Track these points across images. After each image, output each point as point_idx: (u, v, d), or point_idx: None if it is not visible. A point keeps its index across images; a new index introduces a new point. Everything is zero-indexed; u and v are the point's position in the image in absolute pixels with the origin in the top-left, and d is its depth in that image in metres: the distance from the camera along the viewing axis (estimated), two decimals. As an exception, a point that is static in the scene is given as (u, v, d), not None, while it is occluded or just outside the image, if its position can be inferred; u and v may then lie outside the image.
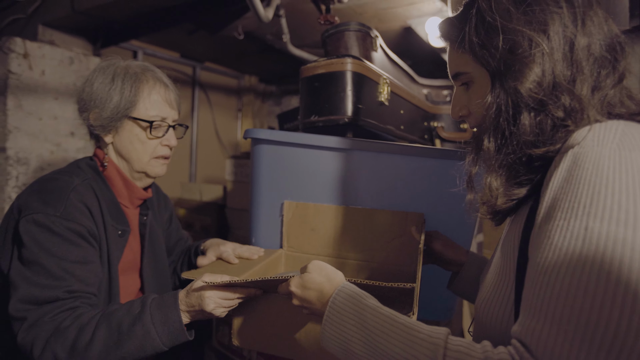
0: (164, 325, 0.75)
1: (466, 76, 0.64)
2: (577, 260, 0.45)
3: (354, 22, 1.32)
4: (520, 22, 0.55)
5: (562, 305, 0.45)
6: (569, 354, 0.43)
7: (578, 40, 0.55)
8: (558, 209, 0.49)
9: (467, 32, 0.60)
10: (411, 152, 1.05)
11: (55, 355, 0.75)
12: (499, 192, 0.59)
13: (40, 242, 0.81)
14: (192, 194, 2.64)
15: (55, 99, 1.91)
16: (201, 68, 3.19)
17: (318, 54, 2.37)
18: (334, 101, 1.16)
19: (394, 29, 2.17)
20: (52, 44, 1.90)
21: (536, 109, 0.55)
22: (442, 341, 0.51)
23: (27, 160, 1.85)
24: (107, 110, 0.92)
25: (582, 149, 0.49)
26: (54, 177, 0.91)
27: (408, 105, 1.50)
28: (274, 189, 1.13)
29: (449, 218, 1.09)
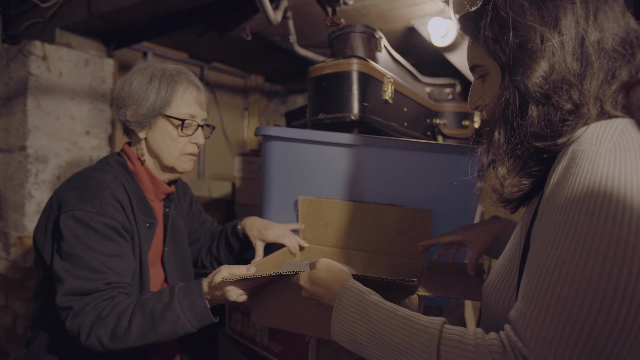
0: (192, 311, 0.83)
1: (482, 69, 0.65)
2: (567, 253, 0.48)
3: (359, 24, 1.38)
4: (533, 18, 0.56)
5: (551, 293, 0.48)
6: (553, 337, 0.47)
7: (589, 35, 0.55)
8: (555, 203, 0.51)
9: (482, 27, 0.61)
10: (415, 147, 1.11)
11: (99, 340, 0.84)
12: (507, 181, 0.61)
13: (80, 237, 0.88)
14: (202, 190, 2.71)
15: (71, 100, 1.98)
16: (209, 68, 3.26)
17: (323, 54, 2.43)
18: (341, 99, 1.23)
19: (397, 29, 2.23)
20: (69, 47, 1.98)
21: (543, 102, 0.56)
22: (437, 330, 0.55)
23: (45, 158, 1.93)
24: (144, 108, 0.99)
25: (580, 147, 0.51)
26: (88, 175, 0.97)
27: (411, 103, 1.56)
28: (284, 183, 1.20)
29: (450, 210, 1.15)
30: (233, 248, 1.21)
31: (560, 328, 0.46)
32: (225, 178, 3.28)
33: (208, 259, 1.28)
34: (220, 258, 1.25)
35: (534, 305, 0.49)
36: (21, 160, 1.90)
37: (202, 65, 3.20)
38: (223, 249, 1.23)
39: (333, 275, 0.70)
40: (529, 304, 0.50)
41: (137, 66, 1.04)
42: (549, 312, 0.48)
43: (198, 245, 1.28)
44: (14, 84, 1.92)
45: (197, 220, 1.29)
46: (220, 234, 1.25)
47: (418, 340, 0.55)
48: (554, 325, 0.47)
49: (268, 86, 3.78)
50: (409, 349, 0.56)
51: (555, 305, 0.47)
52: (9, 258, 2.00)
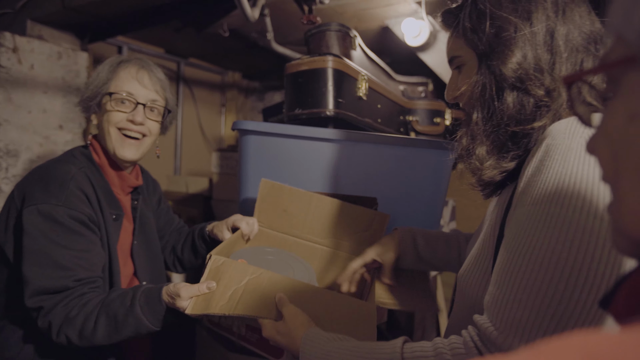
0: (153, 315, 0.84)
1: (459, 59, 0.69)
2: (537, 239, 0.51)
3: (335, 23, 1.42)
4: (508, 10, 0.61)
5: (522, 277, 0.51)
6: (521, 317, 0.50)
7: (558, 28, 0.60)
8: (528, 194, 0.55)
9: (461, 19, 0.67)
10: (386, 141, 1.17)
11: (68, 339, 0.85)
12: (487, 162, 0.64)
13: (45, 233, 0.86)
14: (179, 186, 2.70)
15: (44, 93, 1.95)
16: (185, 64, 3.24)
17: (300, 51, 2.47)
18: (317, 95, 1.27)
19: (372, 28, 2.28)
20: (41, 39, 1.94)
21: (518, 87, 0.61)
22: (399, 355, 0.58)
23: (16, 152, 1.89)
24: (88, 91, 1.01)
25: (554, 141, 0.54)
26: (52, 166, 0.96)
27: (385, 100, 1.62)
28: (260, 177, 1.23)
29: (420, 201, 1.21)
30: (198, 250, 1.20)
31: (527, 309, 0.50)
32: (202, 174, 3.27)
33: (171, 258, 1.27)
34: (184, 259, 1.24)
35: (505, 288, 0.53)
36: (-10, 155, 1.85)
37: (178, 61, 3.18)
38: (188, 251, 1.23)
39: (294, 326, 0.71)
40: (501, 287, 0.53)
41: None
42: (518, 294, 0.51)
43: (163, 242, 1.28)
44: (-18, 76, 1.87)
45: (165, 217, 1.29)
46: (187, 235, 1.25)
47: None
48: (522, 307, 0.50)
49: (245, 83, 3.78)
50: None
51: (524, 287, 0.51)
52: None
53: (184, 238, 1.26)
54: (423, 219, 1.23)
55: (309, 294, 0.80)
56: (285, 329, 0.71)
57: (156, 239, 1.19)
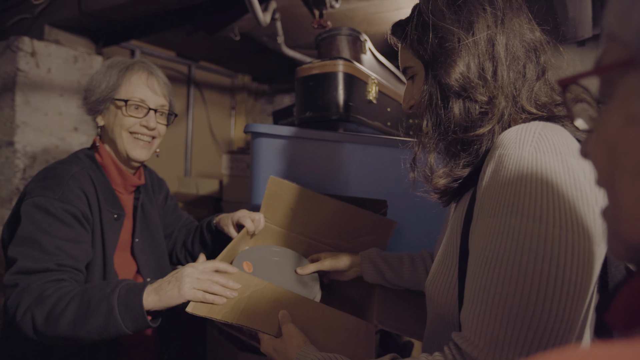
0: (126, 307, 0.78)
1: (411, 70, 0.71)
2: (503, 252, 0.51)
3: (346, 27, 1.44)
4: (450, 21, 0.63)
5: (493, 292, 0.51)
6: (498, 333, 0.50)
7: (498, 38, 0.62)
8: (488, 206, 0.55)
9: (408, 30, 0.68)
10: (395, 144, 1.18)
11: (33, 320, 0.80)
12: (439, 171, 0.66)
13: (37, 222, 0.88)
14: (189, 188, 2.74)
15: (60, 96, 1.99)
16: (196, 67, 3.28)
17: (310, 55, 2.49)
18: (327, 99, 1.29)
19: (382, 31, 2.30)
20: (58, 43, 1.99)
21: (462, 95, 0.62)
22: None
23: (33, 153, 1.93)
24: (96, 94, 1.03)
25: (506, 150, 0.55)
26: (55, 166, 1.00)
27: (395, 104, 1.63)
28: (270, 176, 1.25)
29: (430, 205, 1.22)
30: (207, 242, 1.23)
31: (504, 324, 0.50)
32: (212, 176, 3.30)
33: (183, 253, 1.29)
34: (195, 252, 1.27)
35: (478, 305, 0.53)
36: (9, 156, 1.90)
37: (189, 64, 3.22)
38: (197, 244, 1.25)
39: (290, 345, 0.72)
40: (474, 304, 0.53)
41: (104, 62, 1.08)
42: (492, 310, 0.51)
43: (172, 239, 1.30)
44: (1, 79, 1.92)
45: (172, 215, 1.31)
46: (196, 229, 1.27)
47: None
48: (498, 322, 0.50)
49: (255, 86, 3.82)
50: None
51: (497, 302, 0.51)
52: (-5, 253, 2.00)
53: (193, 233, 1.28)
54: (433, 222, 1.23)
55: (310, 310, 0.81)
56: (282, 347, 0.72)
57: (161, 237, 1.21)
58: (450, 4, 0.65)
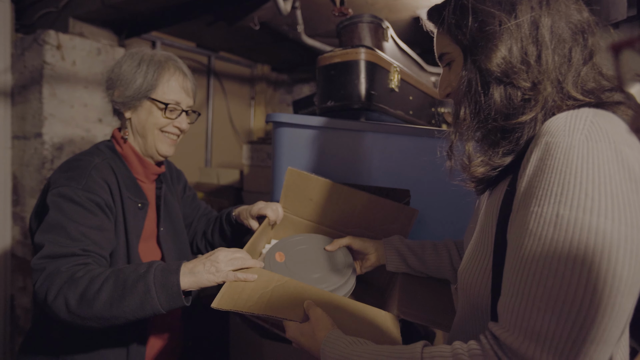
0: (163, 287, 0.81)
1: (448, 56, 0.68)
2: (549, 244, 0.49)
3: (367, 15, 1.41)
4: (491, 4, 0.60)
5: (537, 285, 0.49)
6: (540, 326, 0.49)
7: (543, 20, 0.59)
8: (533, 196, 0.53)
9: (445, 15, 0.66)
10: (419, 133, 1.16)
11: (66, 301, 0.82)
12: (476, 160, 0.63)
13: (63, 210, 0.91)
14: (210, 178, 2.77)
15: (85, 88, 2.04)
16: (216, 57, 3.29)
17: (330, 44, 2.46)
18: (349, 88, 1.27)
19: (403, 18, 2.25)
20: (82, 36, 2.02)
21: (504, 81, 0.60)
22: (419, 353, 0.58)
23: (60, 145, 1.99)
24: (131, 90, 1.03)
25: (554, 139, 0.53)
26: (77, 158, 1.02)
27: (416, 92, 1.60)
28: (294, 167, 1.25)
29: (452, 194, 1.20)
30: (227, 234, 1.25)
31: (547, 318, 0.49)
32: (232, 166, 3.33)
33: (203, 243, 1.32)
34: (214, 243, 1.29)
35: (518, 297, 0.51)
36: (37, 147, 1.96)
37: (209, 55, 3.23)
38: (217, 235, 1.27)
39: (317, 328, 0.72)
40: (514, 296, 0.52)
41: (128, 51, 1.08)
42: (535, 303, 0.49)
43: (192, 229, 1.33)
44: (29, 72, 1.97)
45: (191, 205, 1.34)
46: (216, 220, 1.29)
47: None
48: (541, 316, 0.49)
49: (274, 75, 3.81)
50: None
51: (541, 296, 0.49)
52: (27, 242, 2.08)
53: (212, 223, 1.30)
54: (456, 212, 1.21)
55: (334, 303, 0.81)
56: (309, 330, 0.72)
57: (182, 226, 1.23)
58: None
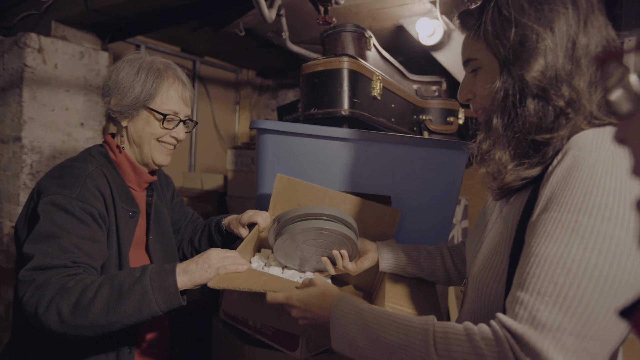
0: (161, 288, 0.82)
1: (476, 62, 0.70)
2: (565, 246, 0.53)
3: (350, 24, 1.44)
4: (531, 18, 0.62)
5: (548, 281, 0.53)
6: (547, 318, 0.52)
7: (579, 39, 0.61)
8: (555, 202, 0.56)
9: (483, 22, 0.66)
10: (401, 141, 1.18)
11: (59, 312, 0.79)
12: (509, 168, 0.65)
13: (55, 220, 0.88)
14: (194, 182, 2.75)
15: (66, 91, 2.01)
16: (201, 62, 3.29)
17: (315, 50, 2.49)
18: (332, 95, 1.29)
19: (387, 27, 2.30)
20: (64, 39, 2.00)
21: (540, 95, 0.62)
22: (431, 325, 0.60)
23: (40, 149, 1.96)
24: (128, 99, 1.02)
25: (582, 153, 0.56)
26: (70, 164, 1.00)
27: (399, 100, 1.63)
28: (277, 174, 1.26)
29: (433, 201, 1.23)
30: (215, 243, 1.24)
31: (554, 312, 0.52)
32: (215, 171, 3.32)
33: (189, 250, 1.31)
34: (201, 250, 1.26)
35: (531, 292, 0.54)
36: (16, 151, 1.92)
37: (194, 59, 3.23)
38: (205, 243, 1.27)
39: (327, 289, 0.74)
40: (526, 290, 0.55)
41: (126, 57, 1.06)
42: (543, 297, 0.53)
43: (179, 235, 1.32)
44: (8, 75, 1.94)
45: (179, 211, 1.33)
46: (204, 228, 1.28)
47: (415, 337, 0.60)
48: (548, 309, 0.52)
49: (259, 81, 3.82)
50: (407, 346, 0.60)
51: (550, 292, 0.53)
52: (3, 248, 2.03)
53: (200, 230, 1.30)
54: (436, 218, 1.24)
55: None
56: (318, 292, 0.73)
57: (171, 233, 1.22)
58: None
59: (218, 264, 0.85)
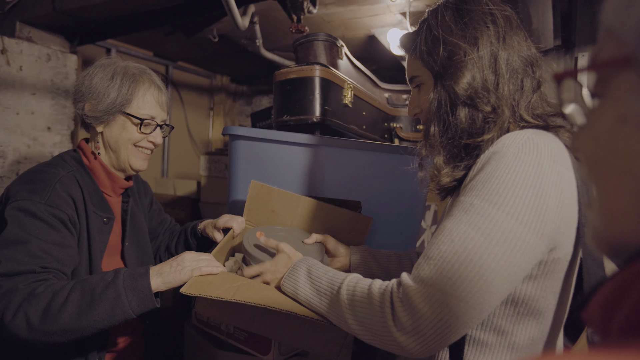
0: (134, 291, 0.81)
1: (418, 79, 0.78)
2: (456, 222, 0.62)
3: (322, 33, 1.48)
4: (458, 36, 0.70)
5: (436, 248, 0.62)
6: (425, 275, 0.61)
7: (500, 53, 0.69)
8: (464, 190, 0.65)
9: (418, 42, 0.76)
10: (369, 147, 1.22)
11: (27, 319, 0.77)
12: (443, 170, 0.73)
13: (23, 225, 0.86)
14: (166, 188, 2.72)
15: (32, 94, 1.95)
16: (174, 67, 3.26)
17: (288, 57, 2.52)
18: (304, 103, 1.32)
19: (359, 36, 2.35)
20: (30, 41, 1.95)
21: (468, 104, 0.69)
22: (348, 279, 0.72)
23: (3, 153, 1.89)
24: (104, 104, 1.01)
25: (496, 149, 0.64)
26: (41, 169, 0.98)
27: (370, 108, 1.68)
28: (249, 180, 1.27)
29: (402, 206, 1.27)
30: (191, 247, 1.24)
31: (432, 271, 0.60)
32: (189, 176, 3.28)
33: (166, 256, 1.30)
34: None
35: (424, 256, 0.63)
36: (-23, 156, 1.85)
37: (167, 64, 3.19)
38: (181, 248, 1.26)
39: (291, 254, 0.86)
40: (423, 255, 0.64)
41: (99, 62, 1.05)
42: (429, 260, 0.62)
43: (157, 243, 1.31)
44: (-31, 77, 1.87)
45: (157, 219, 1.32)
46: (180, 233, 1.28)
47: (335, 285, 0.72)
48: (429, 269, 0.61)
49: (234, 87, 3.81)
50: (326, 294, 0.73)
51: (435, 256, 0.61)
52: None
53: (176, 236, 1.29)
54: (404, 222, 1.29)
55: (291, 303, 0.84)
56: (285, 256, 0.85)
57: (147, 241, 1.21)
58: (457, 20, 0.72)
59: (192, 265, 0.86)
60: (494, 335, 0.66)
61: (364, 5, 1.97)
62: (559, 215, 0.60)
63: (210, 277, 0.86)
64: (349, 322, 0.68)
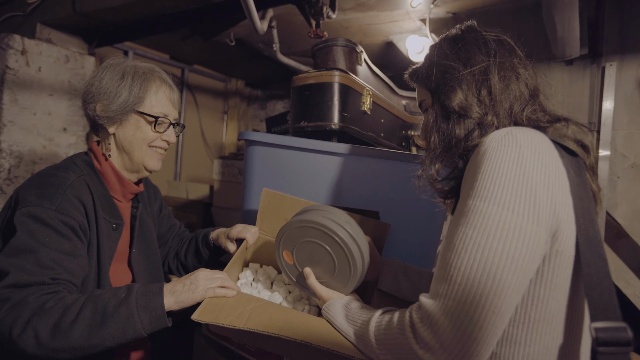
0: (147, 310, 0.79)
1: (425, 103, 0.85)
2: (454, 227, 0.64)
3: (342, 38, 1.45)
4: (452, 59, 0.78)
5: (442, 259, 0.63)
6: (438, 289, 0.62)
7: (491, 68, 0.76)
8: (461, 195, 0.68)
9: (420, 69, 0.85)
10: (390, 156, 1.19)
11: (36, 334, 0.75)
12: (440, 176, 0.79)
13: (33, 233, 0.84)
14: (179, 192, 2.71)
15: (50, 95, 1.96)
16: (190, 70, 3.27)
17: (305, 62, 2.50)
18: (322, 109, 1.29)
19: (377, 42, 2.32)
20: (49, 42, 1.96)
21: (461, 114, 0.76)
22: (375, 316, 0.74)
23: (19, 153, 1.90)
24: (116, 104, 0.99)
25: (481, 147, 0.68)
26: (51, 173, 0.95)
27: (388, 115, 1.64)
28: (265, 187, 1.24)
29: (420, 216, 1.23)
30: (202, 256, 1.22)
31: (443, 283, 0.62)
32: (201, 180, 3.28)
33: (175, 263, 1.28)
34: (187, 264, 1.25)
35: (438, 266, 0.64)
36: (-6, 155, 1.86)
37: (183, 67, 3.21)
38: (191, 256, 1.24)
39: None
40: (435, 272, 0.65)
41: (107, 62, 1.03)
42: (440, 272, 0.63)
43: (166, 249, 1.28)
44: (-11, 77, 1.88)
45: (166, 224, 1.29)
46: (190, 241, 1.25)
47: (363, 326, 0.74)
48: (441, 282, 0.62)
49: (248, 91, 3.81)
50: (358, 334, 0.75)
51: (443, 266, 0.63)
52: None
53: (187, 244, 1.26)
54: (423, 234, 1.24)
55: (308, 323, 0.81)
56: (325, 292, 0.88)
57: (156, 247, 1.18)
58: (452, 46, 0.80)
59: (206, 285, 0.83)
60: (507, 348, 0.65)
61: (383, 11, 1.94)
62: (550, 199, 0.62)
63: (223, 298, 0.83)
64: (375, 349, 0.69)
